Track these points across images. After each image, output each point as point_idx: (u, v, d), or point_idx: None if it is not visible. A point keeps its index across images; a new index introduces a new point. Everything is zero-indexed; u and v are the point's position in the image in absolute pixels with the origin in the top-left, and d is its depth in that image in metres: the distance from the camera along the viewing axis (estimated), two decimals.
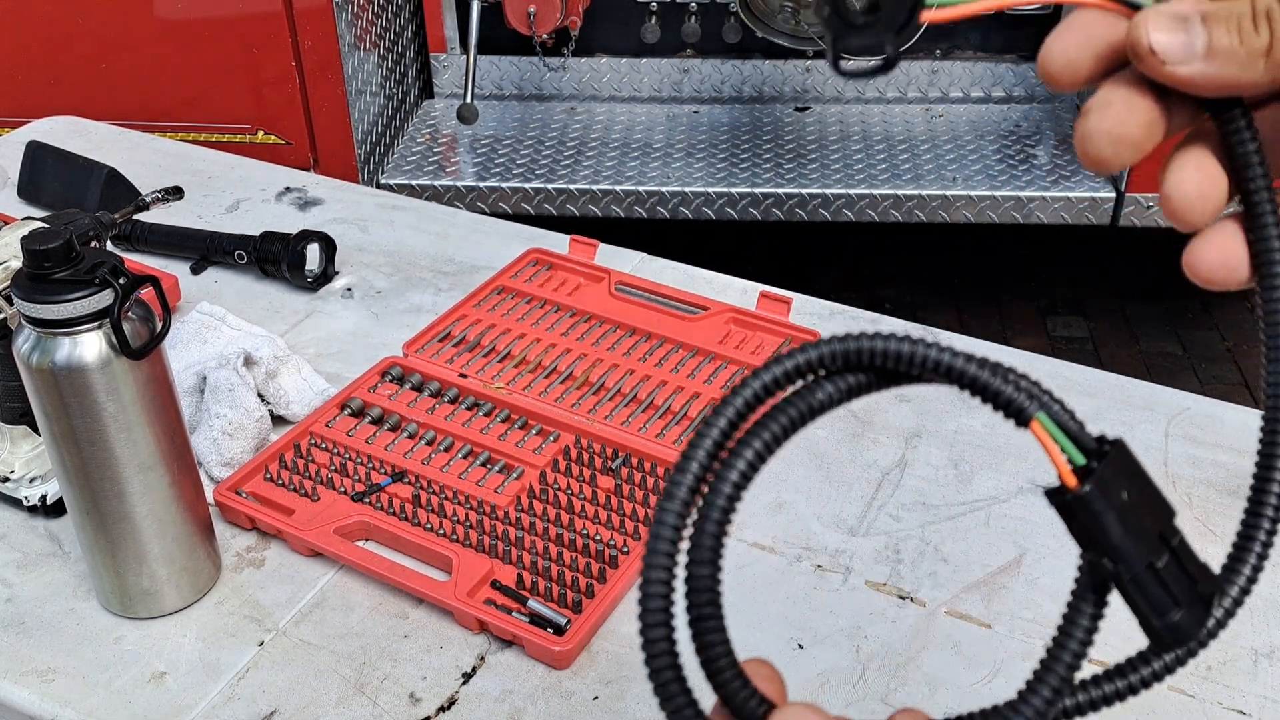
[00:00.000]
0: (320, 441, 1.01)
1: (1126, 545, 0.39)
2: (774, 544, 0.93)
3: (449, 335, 1.14)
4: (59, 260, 0.74)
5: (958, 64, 2.59)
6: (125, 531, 0.82)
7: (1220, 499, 0.96)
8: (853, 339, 0.41)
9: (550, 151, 2.48)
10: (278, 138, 2.33)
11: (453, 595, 0.85)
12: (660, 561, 0.39)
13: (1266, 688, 0.80)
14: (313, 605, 0.88)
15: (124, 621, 0.86)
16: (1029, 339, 2.76)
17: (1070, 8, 0.39)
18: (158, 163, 1.51)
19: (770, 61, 2.62)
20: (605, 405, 1.05)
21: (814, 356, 0.40)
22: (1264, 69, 0.36)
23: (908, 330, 1.17)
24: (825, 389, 0.41)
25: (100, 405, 0.77)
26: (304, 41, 2.22)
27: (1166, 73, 0.37)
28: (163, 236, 1.30)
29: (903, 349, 0.40)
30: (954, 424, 1.05)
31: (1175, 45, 0.36)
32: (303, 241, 1.24)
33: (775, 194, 2.34)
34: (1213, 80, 0.37)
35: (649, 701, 0.80)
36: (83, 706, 0.80)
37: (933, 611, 0.86)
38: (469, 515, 0.93)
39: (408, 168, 2.44)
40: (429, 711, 0.80)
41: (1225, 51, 0.36)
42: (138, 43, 2.24)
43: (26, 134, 1.53)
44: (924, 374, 0.41)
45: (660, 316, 1.17)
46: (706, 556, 0.40)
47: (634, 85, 2.66)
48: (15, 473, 0.97)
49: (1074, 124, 0.39)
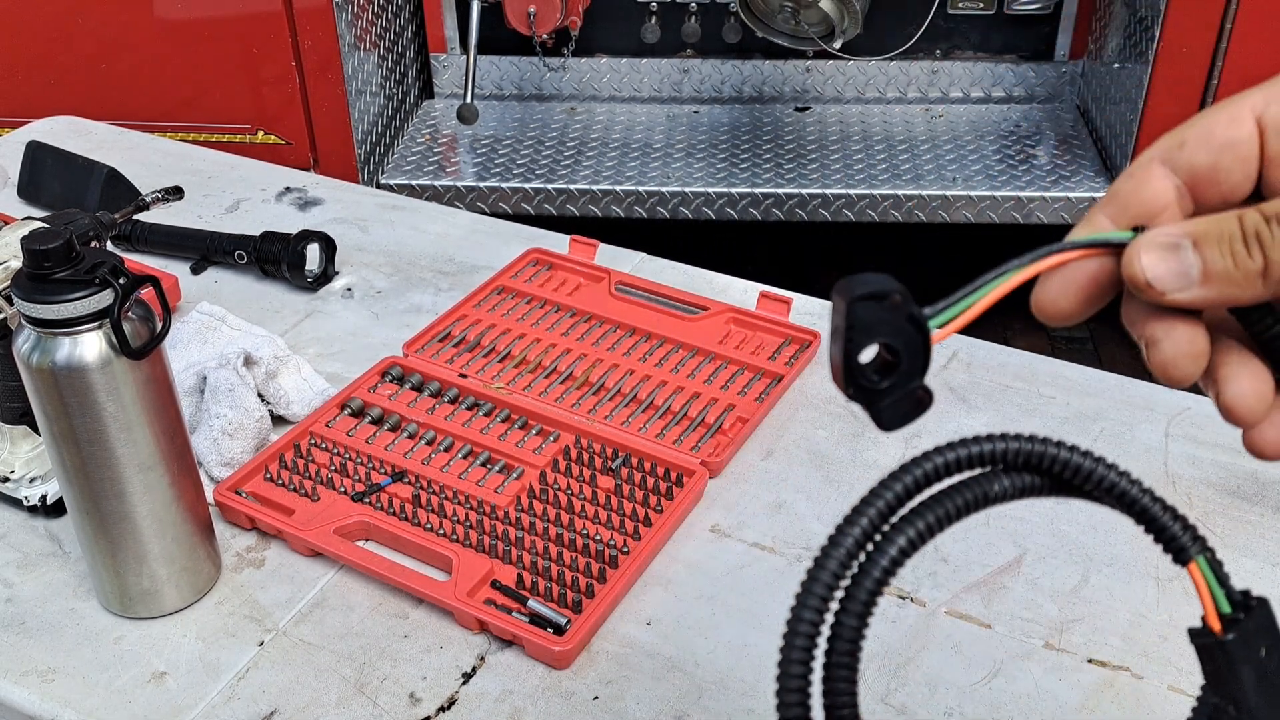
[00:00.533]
0: (320, 441, 1.01)
1: (1258, 700, 0.40)
2: (774, 544, 0.93)
3: (449, 335, 1.15)
4: (59, 260, 0.74)
5: (958, 64, 2.59)
6: (125, 531, 0.82)
7: (1220, 499, 0.96)
8: (1039, 442, 0.41)
9: (550, 151, 2.48)
10: (278, 138, 2.32)
11: (453, 595, 0.85)
12: (808, 616, 0.40)
13: None
14: (313, 605, 0.88)
15: (124, 621, 0.86)
16: (1029, 339, 2.76)
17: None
18: (158, 163, 1.51)
19: (770, 61, 2.62)
20: (605, 405, 1.05)
21: (998, 449, 0.41)
22: (1264, 287, 0.36)
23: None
24: (1002, 483, 0.42)
25: (100, 405, 0.77)
26: (304, 41, 2.22)
27: (1168, 301, 0.37)
28: (163, 236, 1.30)
29: (1084, 464, 0.41)
30: (954, 424, 1.05)
31: (1170, 275, 0.37)
32: (303, 241, 1.24)
33: (775, 194, 2.34)
34: (1215, 302, 0.37)
35: (649, 701, 0.80)
36: (83, 706, 0.80)
37: (933, 611, 0.86)
38: (469, 515, 0.93)
39: (408, 168, 2.44)
40: (429, 711, 0.80)
41: (1222, 275, 0.37)
42: (138, 43, 2.24)
43: (26, 134, 1.53)
44: (1097, 493, 0.41)
45: (660, 316, 1.17)
46: (858, 609, 0.41)
47: (634, 85, 2.66)
48: (15, 473, 0.97)
49: (1144, 355, 0.40)
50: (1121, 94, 2.32)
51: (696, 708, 0.79)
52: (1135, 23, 2.26)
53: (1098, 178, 2.35)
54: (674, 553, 0.92)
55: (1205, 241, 0.37)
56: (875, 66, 2.60)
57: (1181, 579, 0.89)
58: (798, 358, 1.11)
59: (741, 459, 1.01)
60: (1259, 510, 0.95)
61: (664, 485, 0.96)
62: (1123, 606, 0.87)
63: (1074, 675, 0.81)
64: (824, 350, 1.13)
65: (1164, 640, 0.84)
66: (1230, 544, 0.92)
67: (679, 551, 0.92)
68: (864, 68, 2.60)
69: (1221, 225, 0.37)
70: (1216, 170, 0.39)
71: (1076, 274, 0.39)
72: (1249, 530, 0.93)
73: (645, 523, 0.92)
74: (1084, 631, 0.84)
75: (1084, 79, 2.57)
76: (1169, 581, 0.89)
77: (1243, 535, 0.93)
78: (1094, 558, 0.91)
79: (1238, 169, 0.39)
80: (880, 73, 2.61)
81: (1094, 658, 0.83)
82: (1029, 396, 1.08)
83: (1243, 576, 0.89)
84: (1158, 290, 0.37)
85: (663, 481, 0.96)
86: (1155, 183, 0.40)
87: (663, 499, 0.95)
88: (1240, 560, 0.90)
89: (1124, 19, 2.33)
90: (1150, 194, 0.39)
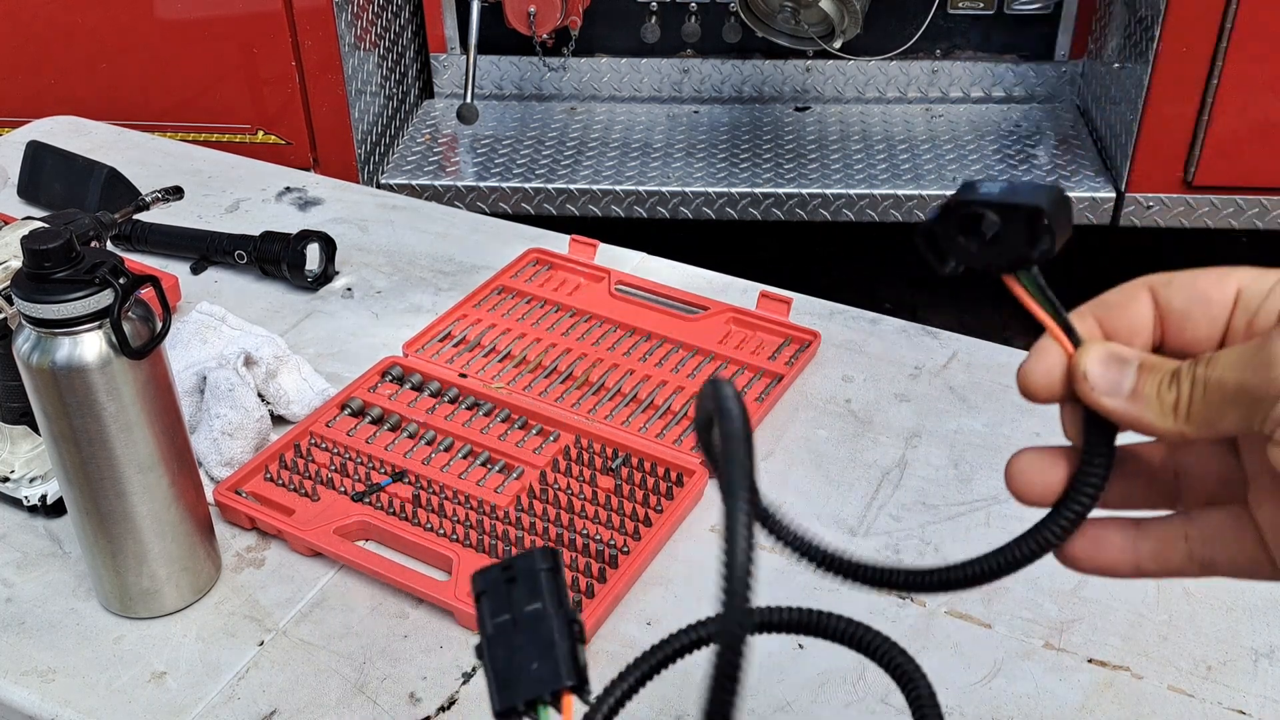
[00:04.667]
0: (320, 441, 1.01)
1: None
2: (774, 544, 0.92)
3: (449, 335, 1.15)
4: (59, 260, 0.74)
5: (958, 64, 2.59)
6: (125, 531, 0.82)
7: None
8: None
9: (550, 151, 2.48)
10: (278, 138, 2.32)
11: (453, 595, 0.85)
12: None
13: (1266, 688, 0.80)
14: (313, 605, 0.88)
15: (124, 621, 0.86)
16: (1029, 339, 2.76)
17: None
18: (158, 163, 1.51)
19: (770, 61, 2.62)
20: (605, 405, 1.05)
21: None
22: (1173, 422, 0.42)
23: (905, 328, 1.17)
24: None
25: (100, 405, 0.77)
26: (304, 41, 2.22)
27: (1093, 399, 0.43)
28: (163, 236, 1.30)
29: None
30: (954, 424, 1.05)
31: (1107, 379, 0.43)
32: (303, 241, 1.24)
33: (775, 194, 2.34)
34: (1130, 418, 0.43)
35: (649, 701, 0.80)
36: (83, 706, 0.80)
37: (933, 611, 0.86)
38: (469, 515, 0.93)
39: (408, 168, 2.44)
40: (429, 711, 0.80)
41: (1146, 399, 0.42)
42: (138, 43, 2.24)
43: (26, 134, 1.53)
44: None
45: (660, 316, 1.17)
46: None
47: (634, 85, 2.66)
48: (15, 473, 0.97)
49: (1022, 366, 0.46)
50: (1121, 94, 2.32)
51: (697, 708, 0.79)
52: (1135, 23, 2.26)
53: (1098, 178, 2.35)
54: (674, 553, 0.92)
55: (1148, 369, 0.42)
56: (875, 66, 2.60)
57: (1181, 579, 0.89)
58: (798, 358, 1.11)
59: None
60: None
61: (664, 485, 0.96)
62: (1123, 606, 0.86)
63: (1074, 675, 0.81)
64: (825, 349, 1.13)
65: (1164, 640, 0.84)
66: None
67: (679, 551, 0.92)
68: (864, 68, 2.60)
69: (1165, 363, 0.42)
70: (1187, 317, 0.43)
71: (1056, 359, 0.45)
72: None
73: (645, 523, 0.92)
74: (1084, 631, 0.84)
75: (1084, 79, 2.57)
76: (1169, 581, 0.89)
77: None
78: None
79: (1204, 324, 0.43)
80: (880, 73, 2.61)
81: (1094, 658, 0.83)
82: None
83: None
84: (1088, 386, 0.43)
85: (663, 481, 0.96)
86: (1140, 308, 0.44)
87: (663, 499, 0.95)
88: None
89: (1124, 19, 2.33)
90: (1133, 314, 0.44)
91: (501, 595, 0.44)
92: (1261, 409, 0.39)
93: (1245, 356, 0.40)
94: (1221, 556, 0.45)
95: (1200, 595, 0.88)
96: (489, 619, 0.43)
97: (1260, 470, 0.43)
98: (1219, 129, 2.20)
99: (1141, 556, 0.46)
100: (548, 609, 0.43)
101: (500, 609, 0.43)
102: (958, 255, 0.43)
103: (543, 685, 0.42)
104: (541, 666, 0.42)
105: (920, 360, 1.13)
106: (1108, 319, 0.45)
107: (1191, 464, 0.46)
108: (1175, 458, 0.46)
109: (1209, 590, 0.88)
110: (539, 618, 0.43)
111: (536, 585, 0.43)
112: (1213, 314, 0.43)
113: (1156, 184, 2.29)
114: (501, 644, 0.43)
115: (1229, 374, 0.40)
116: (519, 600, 0.43)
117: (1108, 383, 0.43)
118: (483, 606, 0.44)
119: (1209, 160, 2.23)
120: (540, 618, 0.43)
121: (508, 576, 0.44)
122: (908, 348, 1.15)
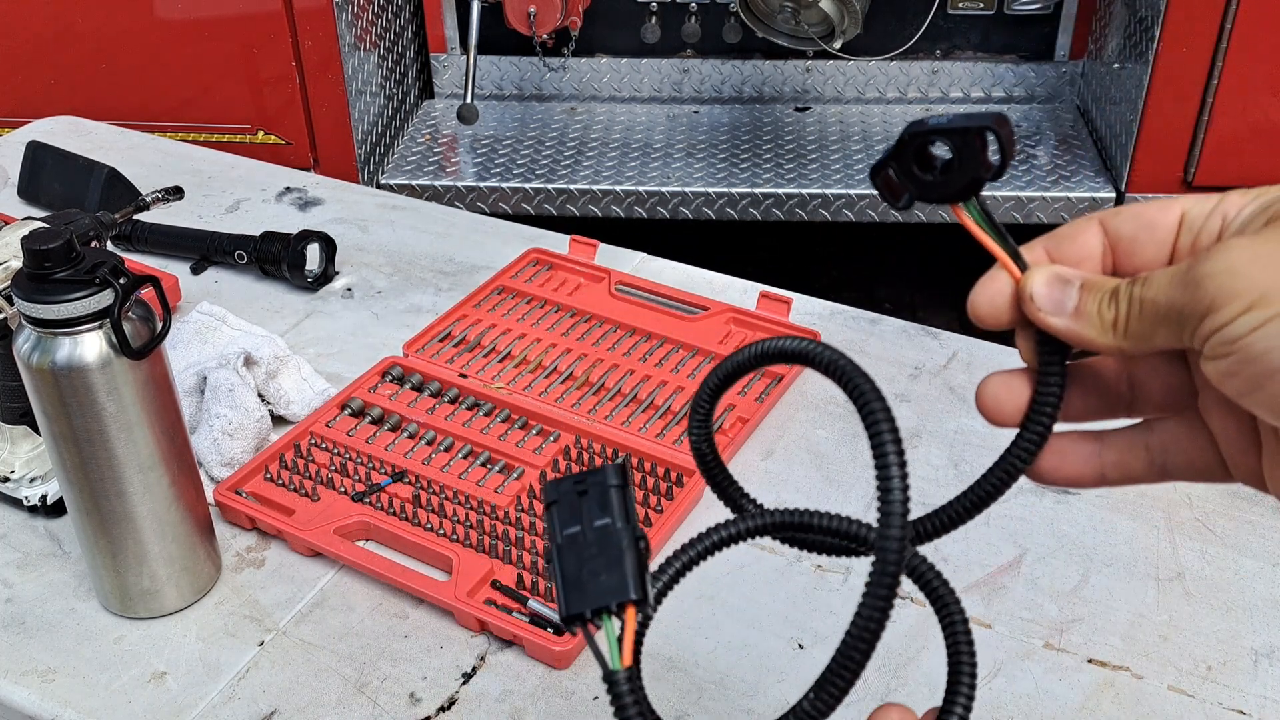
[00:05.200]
0: (320, 441, 1.01)
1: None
2: (774, 544, 0.93)
3: (449, 335, 1.15)
4: (59, 260, 0.74)
5: (958, 64, 2.59)
6: (125, 531, 0.82)
7: (1220, 499, 0.96)
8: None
9: (550, 151, 2.48)
10: (278, 138, 2.32)
11: (453, 595, 0.85)
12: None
13: (1266, 688, 0.80)
14: (313, 605, 0.88)
15: (124, 621, 0.86)
16: None
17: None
18: (158, 163, 1.51)
19: (770, 61, 2.62)
20: (605, 405, 1.05)
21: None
22: (1112, 338, 0.44)
23: (905, 328, 1.17)
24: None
25: (100, 405, 0.77)
26: (304, 41, 2.22)
27: (1039, 318, 0.45)
28: (163, 236, 1.30)
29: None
30: (954, 424, 1.05)
31: (1051, 299, 0.45)
32: (303, 241, 1.24)
33: (775, 194, 2.34)
34: (1073, 335, 0.45)
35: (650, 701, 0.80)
36: (83, 706, 0.80)
37: (933, 611, 0.86)
38: (469, 515, 0.93)
39: (408, 168, 2.44)
40: (429, 711, 0.80)
41: (1087, 316, 0.44)
42: (138, 43, 2.24)
43: (26, 134, 1.53)
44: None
45: (660, 316, 1.17)
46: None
47: (634, 85, 2.66)
48: (15, 473, 0.97)
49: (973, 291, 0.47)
50: (1121, 94, 2.32)
51: (696, 708, 0.79)
52: (1135, 23, 2.26)
53: (1097, 178, 2.35)
54: None
55: (1090, 287, 0.45)
56: (875, 66, 2.60)
57: (1181, 579, 0.89)
58: None
59: (741, 459, 1.01)
60: (1259, 510, 0.95)
61: (664, 485, 0.96)
62: (1123, 606, 0.86)
63: (1074, 675, 0.81)
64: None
65: (1164, 640, 0.84)
66: (1230, 544, 0.92)
67: None
68: (864, 68, 2.60)
69: (1105, 282, 0.45)
70: (1135, 242, 0.46)
71: (1001, 287, 0.46)
72: (1249, 530, 0.93)
73: (645, 522, 0.92)
74: (1084, 631, 0.84)
75: (1084, 79, 2.57)
76: (1169, 581, 0.89)
77: (1243, 535, 0.93)
78: (1094, 558, 0.91)
79: (1151, 247, 0.45)
80: (880, 73, 2.61)
81: (1094, 658, 0.83)
82: None
83: (1243, 576, 0.89)
84: (1034, 306, 0.45)
85: (663, 481, 0.96)
86: (1089, 237, 0.47)
87: (663, 499, 0.95)
88: (1240, 560, 0.90)
89: (1124, 19, 2.33)
90: (1082, 243, 0.47)
91: (573, 507, 0.45)
92: (1189, 326, 0.41)
93: (1175, 276, 0.42)
94: (1178, 461, 0.48)
95: (1200, 595, 0.88)
96: (559, 529, 0.44)
97: (1205, 381, 0.44)
98: (1219, 129, 2.20)
99: (1105, 466, 0.49)
100: (616, 524, 0.44)
101: (570, 520, 0.44)
102: (914, 188, 0.45)
103: (609, 596, 0.43)
104: (609, 578, 0.43)
105: (920, 360, 1.13)
106: (1057, 250, 0.47)
107: (1143, 376, 0.48)
108: (1128, 370, 0.48)
109: (1209, 590, 0.88)
110: (608, 532, 0.44)
111: (607, 500, 0.44)
112: (1159, 238, 0.45)
113: (1156, 184, 2.29)
114: (571, 553, 0.44)
115: (1160, 293, 0.42)
116: (589, 513, 0.44)
117: (1052, 302, 0.45)
118: (552, 515, 0.45)
119: (1209, 160, 2.23)
120: (609, 532, 0.44)
121: (579, 490, 0.45)
122: (908, 348, 1.15)
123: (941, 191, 0.45)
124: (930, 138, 0.44)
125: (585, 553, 0.43)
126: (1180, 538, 0.93)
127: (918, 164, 0.45)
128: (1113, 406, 0.49)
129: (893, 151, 0.45)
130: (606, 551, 0.43)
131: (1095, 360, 0.48)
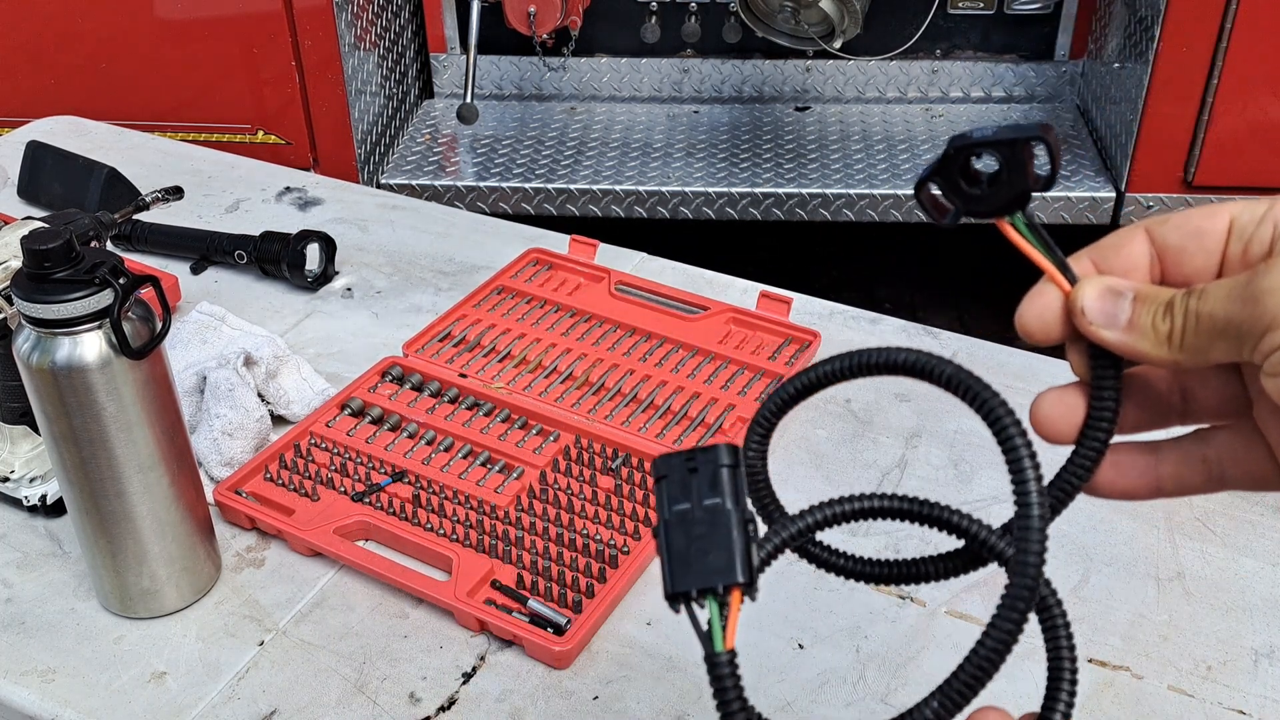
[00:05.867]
0: (320, 441, 1.01)
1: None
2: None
3: (449, 335, 1.15)
4: (59, 260, 0.74)
5: (958, 64, 2.59)
6: (125, 531, 0.82)
7: (1220, 499, 0.96)
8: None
9: (550, 151, 2.48)
10: (278, 138, 2.33)
11: (453, 595, 0.85)
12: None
13: (1266, 688, 0.80)
14: (313, 605, 0.88)
15: (124, 621, 0.86)
16: None
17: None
18: (158, 163, 1.51)
19: (770, 61, 2.62)
20: (605, 405, 1.05)
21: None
22: (1168, 351, 0.43)
23: (905, 328, 1.17)
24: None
25: (100, 405, 0.77)
26: (304, 41, 2.22)
27: (1092, 332, 0.44)
28: (163, 236, 1.30)
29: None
30: (954, 424, 1.05)
31: (1104, 312, 0.44)
32: (303, 241, 1.24)
33: (775, 194, 2.34)
34: (1127, 349, 0.44)
35: (649, 701, 0.80)
36: (83, 706, 0.80)
37: (933, 611, 0.86)
38: (469, 515, 0.93)
39: (408, 168, 2.44)
40: (429, 711, 0.80)
41: (1141, 329, 0.43)
42: (138, 43, 2.24)
43: (26, 134, 1.53)
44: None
45: (660, 316, 1.17)
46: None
47: (634, 85, 2.66)
48: (15, 473, 0.97)
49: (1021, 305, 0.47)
50: (1121, 94, 2.32)
51: (696, 708, 0.79)
52: (1135, 23, 2.26)
53: (1098, 178, 2.35)
54: None
55: (1143, 299, 0.44)
56: (875, 66, 2.60)
57: (1181, 579, 0.89)
58: (798, 357, 1.11)
59: None
60: (1259, 510, 0.95)
61: None
62: (1123, 606, 0.86)
63: None
64: (825, 349, 1.13)
65: (1164, 640, 0.84)
66: (1230, 544, 0.92)
67: None
68: (864, 68, 2.60)
69: (1159, 293, 0.43)
70: (1183, 252, 0.45)
71: (1049, 301, 0.46)
72: (1249, 530, 0.93)
73: (645, 522, 0.92)
74: (1084, 631, 0.84)
75: (1084, 79, 2.57)
76: (1169, 581, 0.89)
77: (1243, 535, 0.93)
78: (1094, 558, 0.91)
79: (1200, 256, 0.44)
80: (880, 73, 2.61)
81: (1094, 657, 0.83)
82: (1029, 396, 1.08)
83: (1243, 576, 0.89)
84: (1086, 320, 0.44)
85: None
86: (1136, 246, 0.46)
87: None
88: (1240, 560, 0.90)
89: (1124, 19, 2.33)
90: (1128, 253, 0.46)
91: (683, 483, 0.44)
92: (1249, 341, 0.40)
93: (1234, 290, 0.41)
94: (1236, 472, 0.47)
95: (1200, 595, 0.88)
96: (668, 505, 0.44)
97: (1260, 392, 0.44)
98: (1219, 129, 2.20)
99: (1162, 478, 0.48)
100: (726, 504, 0.43)
101: (680, 497, 0.44)
102: (960, 203, 0.44)
103: (716, 577, 0.42)
104: (716, 558, 0.42)
105: None
106: (1103, 261, 0.46)
107: (1196, 386, 0.47)
108: (1180, 381, 0.48)
109: (1209, 590, 0.88)
110: (718, 511, 0.43)
111: (718, 480, 0.44)
112: (1207, 246, 0.44)
113: (1156, 184, 2.29)
114: (679, 531, 0.43)
115: (1218, 307, 0.41)
116: (699, 491, 0.44)
117: (1104, 315, 0.44)
118: (662, 490, 0.44)
119: (1209, 160, 2.23)
120: (719, 511, 0.43)
121: (690, 467, 0.44)
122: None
123: (989, 205, 0.44)
124: (976, 150, 0.43)
125: (693, 531, 0.43)
126: (1180, 538, 0.93)
127: (964, 178, 0.44)
128: (1165, 416, 0.48)
129: (936, 166, 0.44)
130: (715, 531, 0.42)
131: (1146, 369, 0.48)
